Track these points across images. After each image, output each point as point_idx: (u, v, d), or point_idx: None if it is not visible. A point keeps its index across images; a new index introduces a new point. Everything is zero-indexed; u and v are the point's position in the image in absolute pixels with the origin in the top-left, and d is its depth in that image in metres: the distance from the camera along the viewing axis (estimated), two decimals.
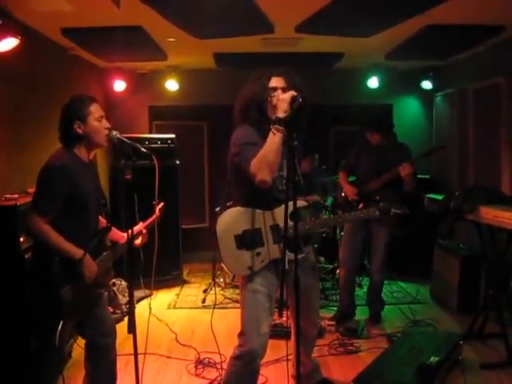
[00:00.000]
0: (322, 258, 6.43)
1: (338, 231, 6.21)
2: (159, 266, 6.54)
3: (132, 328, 2.90)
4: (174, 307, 5.75)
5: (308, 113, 2.98)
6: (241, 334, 2.97)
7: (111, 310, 5.33)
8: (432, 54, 6.07)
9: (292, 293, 2.70)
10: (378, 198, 4.77)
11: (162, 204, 3.43)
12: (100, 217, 3.27)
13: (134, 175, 3.13)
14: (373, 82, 7.14)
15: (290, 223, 2.77)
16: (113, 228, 3.29)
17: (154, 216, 3.38)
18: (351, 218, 3.32)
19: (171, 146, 6.60)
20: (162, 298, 6.03)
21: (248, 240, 2.93)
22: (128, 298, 5.57)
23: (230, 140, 3.00)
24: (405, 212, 3.33)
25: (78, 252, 2.86)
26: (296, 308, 2.69)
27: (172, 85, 7.17)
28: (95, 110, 3.00)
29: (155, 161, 3.14)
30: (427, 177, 6.95)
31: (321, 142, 7.36)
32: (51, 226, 2.81)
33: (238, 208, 2.99)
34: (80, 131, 2.92)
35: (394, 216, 3.31)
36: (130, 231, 2.94)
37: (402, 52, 5.89)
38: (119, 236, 3.32)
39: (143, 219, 3.34)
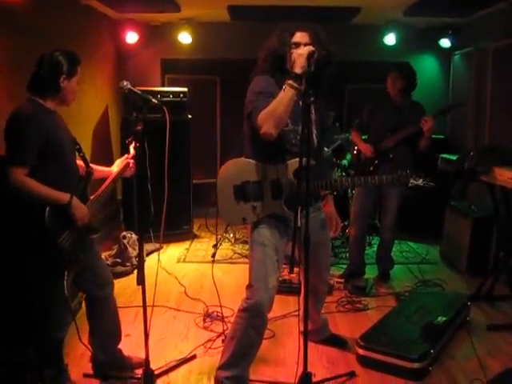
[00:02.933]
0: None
1: (349, 190, 6.17)
2: (170, 220, 6.60)
3: (141, 280, 2.92)
4: (184, 261, 5.78)
5: (331, 70, 2.94)
6: (248, 287, 2.97)
7: (120, 261, 5.39)
8: (452, 10, 5.91)
9: (302, 249, 2.68)
10: (391, 156, 4.74)
11: (135, 143, 3.30)
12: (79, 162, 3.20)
13: (145, 127, 3.15)
14: (390, 39, 6.96)
15: (293, 179, 2.79)
16: (96, 168, 3.26)
17: (131, 155, 3.37)
18: (363, 182, 3.15)
19: (183, 99, 6.52)
20: (172, 252, 6.08)
21: (246, 192, 2.93)
22: (138, 251, 5.60)
23: (248, 87, 2.96)
24: (425, 184, 3.23)
25: (64, 196, 2.84)
26: (305, 264, 2.68)
27: (185, 37, 7.04)
28: (79, 72, 3.00)
29: (167, 113, 3.13)
30: (441, 137, 6.85)
31: (335, 100, 7.23)
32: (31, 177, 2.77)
33: (242, 159, 2.99)
34: (63, 85, 2.89)
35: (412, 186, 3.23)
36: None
37: (422, 7, 5.73)
38: (106, 172, 3.32)
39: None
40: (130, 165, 3.37)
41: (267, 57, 2.98)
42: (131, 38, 6.98)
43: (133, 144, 3.40)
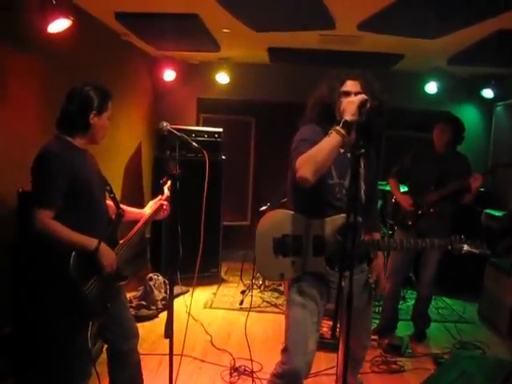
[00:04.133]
0: (366, 266, 6.16)
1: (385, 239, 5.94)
2: (200, 262, 6.48)
3: (170, 333, 2.79)
4: (211, 307, 5.58)
5: (383, 121, 2.81)
6: (284, 351, 2.75)
7: (145, 304, 5.22)
8: (498, 60, 5.73)
9: (344, 312, 2.48)
10: (431, 210, 4.54)
11: (170, 183, 3.24)
12: (109, 203, 3.08)
13: (181, 169, 3.06)
14: (431, 87, 6.80)
15: (338, 237, 2.58)
16: (127, 209, 3.14)
17: (164, 197, 3.26)
18: (413, 245, 2.87)
19: (218, 140, 6.46)
20: (199, 296, 5.87)
21: (286, 246, 2.74)
22: (164, 295, 5.44)
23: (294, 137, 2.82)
24: (482, 253, 2.95)
25: (91, 242, 2.69)
26: (347, 329, 2.47)
27: (222, 77, 7.00)
28: (111, 107, 2.89)
29: (206, 156, 3.06)
30: (482, 190, 6.60)
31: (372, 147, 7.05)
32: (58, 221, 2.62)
33: (284, 211, 2.80)
34: (92, 122, 2.78)
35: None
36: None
37: (467, 57, 5.58)
38: (138, 214, 3.20)
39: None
40: (164, 207, 3.24)
41: (315, 105, 2.85)
42: (169, 75, 6.94)
43: (167, 184, 3.34)
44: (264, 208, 5.42)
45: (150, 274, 5.56)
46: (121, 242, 3.00)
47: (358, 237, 2.55)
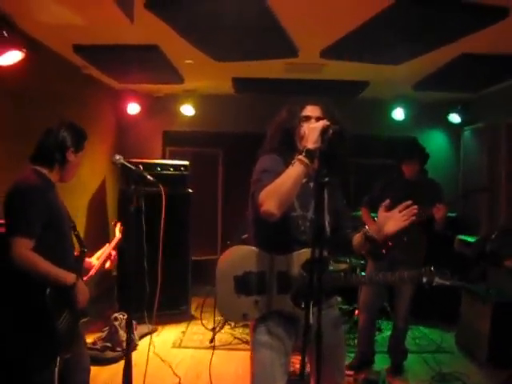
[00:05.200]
0: (340, 298, 6.01)
1: (357, 270, 5.81)
2: (166, 299, 6.20)
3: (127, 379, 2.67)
4: (180, 346, 5.34)
5: (346, 148, 2.67)
6: None
7: (110, 346, 4.97)
8: (464, 85, 5.73)
9: (313, 352, 2.31)
10: (405, 239, 4.43)
11: (119, 225, 3.33)
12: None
13: (142, 203, 3.10)
14: (398, 114, 6.79)
15: (303, 272, 2.44)
16: None
17: (116, 239, 3.28)
18: (382, 279, 2.74)
19: (184, 173, 6.33)
20: (167, 335, 5.64)
21: (248, 284, 2.56)
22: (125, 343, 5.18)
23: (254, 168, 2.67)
24: (454, 284, 2.79)
25: (70, 277, 2.68)
26: (317, 368, 2.30)
27: (188, 109, 6.88)
28: (85, 148, 2.98)
29: (162, 190, 3.05)
30: (453, 215, 6.54)
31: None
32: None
33: (246, 246, 2.62)
34: (69, 159, 2.83)
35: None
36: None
37: (432, 82, 5.56)
38: (87, 263, 3.12)
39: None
40: (112, 257, 3.20)
41: (275, 133, 2.72)
42: (133, 109, 6.82)
43: (118, 226, 3.37)
44: (229, 242, 5.26)
45: (116, 314, 5.30)
46: (84, 278, 2.95)
47: (324, 271, 2.39)
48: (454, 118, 6.88)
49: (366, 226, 2.73)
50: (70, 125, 2.88)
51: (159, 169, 6.24)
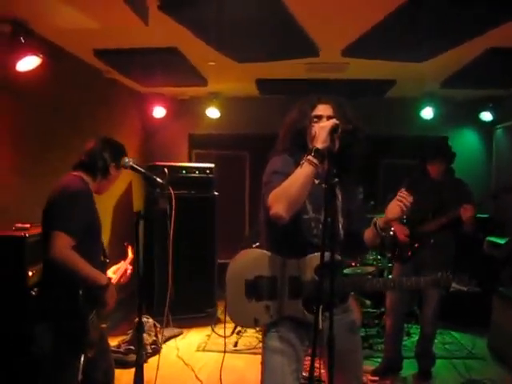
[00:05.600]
0: (368, 302, 5.89)
1: (385, 273, 5.68)
2: (192, 303, 6.22)
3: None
4: (204, 350, 5.29)
5: (361, 148, 2.57)
6: None
7: (134, 349, 4.97)
8: (493, 81, 5.54)
9: (325, 358, 2.23)
10: (432, 241, 4.30)
11: (130, 247, 3.37)
12: None
13: (167, 205, 3.15)
14: (427, 113, 6.60)
15: (315, 277, 2.37)
16: None
17: (129, 259, 3.33)
18: (397, 284, 2.65)
19: (209, 175, 6.33)
20: (193, 338, 5.61)
21: (259, 288, 2.49)
22: (154, 338, 5.19)
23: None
24: (471, 289, 2.67)
25: (104, 278, 2.80)
26: (329, 375, 2.22)
27: (213, 112, 6.84)
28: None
29: (171, 192, 2.99)
30: (485, 216, 6.34)
31: (368, 176, 6.81)
32: None
33: (257, 250, 2.57)
34: (111, 172, 3.01)
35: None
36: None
37: (460, 79, 5.40)
38: None
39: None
40: (127, 272, 3.25)
41: (286, 133, 2.65)
42: (158, 112, 6.81)
43: (130, 248, 3.39)
44: (257, 244, 5.19)
45: None
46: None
47: (337, 275, 2.31)
48: (486, 116, 6.69)
49: (375, 219, 2.64)
50: (112, 141, 3.09)
51: (184, 172, 6.25)
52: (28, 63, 3.61)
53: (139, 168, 2.84)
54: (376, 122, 6.69)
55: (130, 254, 3.34)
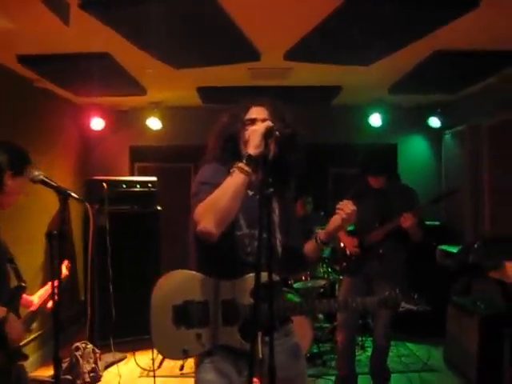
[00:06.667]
0: (321, 316, 5.67)
1: (336, 286, 5.47)
2: (135, 324, 5.85)
3: None
4: (148, 375, 4.94)
5: (300, 155, 2.34)
6: None
7: (70, 379, 4.60)
8: (440, 86, 5.44)
9: None
10: (381, 251, 4.12)
11: (67, 262, 2.97)
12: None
13: (109, 221, 2.69)
14: (375, 120, 6.47)
15: (250, 300, 2.12)
16: None
17: (62, 276, 2.80)
18: (342, 305, 2.40)
19: (152, 189, 6.04)
20: (136, 363, 5.23)
21: (189, 315, 2.20)
22: (93, 365, 4.81)
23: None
24: (421, 308, 2.40)
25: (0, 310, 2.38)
26: None
27: (154, 123, 6.51)
28: (27, 174, 2.60)
29: (89, 208, 2.77)
30: (437, 223, 6.21)
31: (318, 185, 6.60)
32: None
33: (186, 271, 2.29)
34: (7, 183, 2.51)
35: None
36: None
37: (407, 84, 5.26)
38: (27, 301, 2.78)
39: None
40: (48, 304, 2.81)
41: (217, 140, 2.39)
42: (97, 124, 6.46)
43: (65, 263, 3.01)
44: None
45: (77, 343, 4.92)
46: (22, 316, 2.62)
47: (275, 297, 2.05)
48: (434, 121, 6.59)
49: (316, 231, 2.40)
50: (9, 146, 2.60)
51: (125, 186, 5.94)
52: None
53: (51, 182, 2.48)
54: (323, 130, 6.53)
55: (65, 270, 2.96)
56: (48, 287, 2.83)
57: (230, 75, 5.03)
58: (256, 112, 2.32)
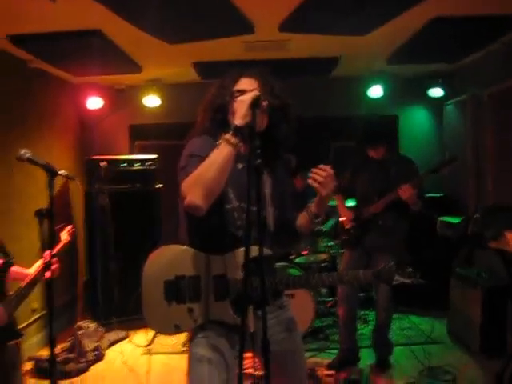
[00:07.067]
0: (324, 290, 5.66)
1: (337, 261, 5.44)
2: (138, 303, 5.87)
3: None
4: (150, 352, 4.95)
5: (290, 127, 2.30)
6: None
7: (73, 357, 4.61)
8: (440, 54, 5.32)
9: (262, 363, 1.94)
10: (380, 223, 4.08)
11: (70, 227, 3.05)
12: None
13: (110, 200, 2.66)
14: (375, 91, 6.36)
15: (242, 274, 2.10)
16: (13, 269, 2.76)
17: (62, 243, 2.97)
18: (335, 279, 2.32)
19: (151, 167, 5.99)
20: (139, 341, 5.24)
21: (180, 290, 2.17)
22: (96, 344, 4.82)
23: None
24: (415, 282, 2.32)
25: None
26: (266, 379, 1.93)
27: (152, 100, 6.42)
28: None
29: (79, 185, 2.50)
30: (439, 195, 6.14)
31: (317, 159, 6.49)
32: None
33: (177, 246, 2.24)
34: None
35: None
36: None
37: (406, 53, 5.14)
38: (22, 274, 2.80)
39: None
40: (53, 266, 2.70)
41: (205, 112, 2.35)
42: (95, 103, 6.39)
43: (67, 229, 3.09)
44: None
45: (80, 322, 4.94)
46: (10, 293, 2.67)
47: (265, 271, 2.02)
48: (435, 92, 6.47)
49: (308, 204, 2.35)
50: None
51: (125, 164, 5.90)
52: None
53: (38, 161, 2.43)
54: (322, 103, 6.45)
55: (65, 236, 3.01)
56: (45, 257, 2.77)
57: (225, 49, 4.93)
58: (245, 83, 2.27)
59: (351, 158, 4.51)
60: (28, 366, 4.37)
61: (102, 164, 5.61)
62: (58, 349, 4.75)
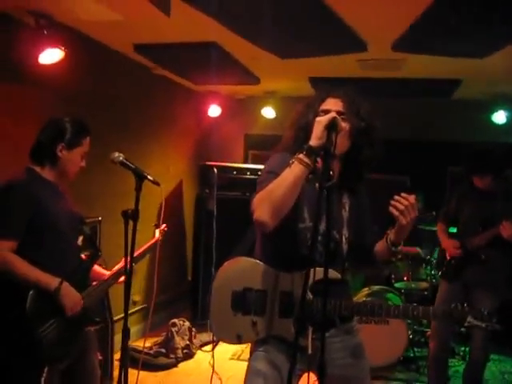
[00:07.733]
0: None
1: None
2: None
3: None
4: (238, 358, 5.04)
5: (374, 152, 2.26)
6: None
7: (164, 352, 4.81)
8: None
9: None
10: (482, 257, 3.84)
11: (163, 226, 3.12)
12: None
13: (217, 206, 2.81)
14: (499, 117, 6.02)
15: (310, 295, 2.08)
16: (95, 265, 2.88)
17: (153, 241, 3.06)
18: (401, 313, 2.19)
19: None
20: (229, 345, 5.31)
21: (247, 301, 2.20)
22: (188, 342, 4.99)
23: None
24: (490, 327, 2.11)
25: (52, 281, 2.46)
26: None
27: (269, 112, 6.58)
28: (86, 144, 2.73)
29: (162, 190, 2.68)
30: None
31: (433, 184, 6.28)
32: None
33: (249, 259, 2.28)
34: (60, 155, 2.62)
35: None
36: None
37: None
38: (99, 274, 2.89)
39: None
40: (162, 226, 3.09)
41: (290, 129, 2.38)
42: (214, 111, 6.63)
43: (161, 227, 3.17)
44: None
45: (174, 320, 5.15)
46: (94, 283, 2.77)
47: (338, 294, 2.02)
48: None
49: (388, 231, 2.27)
50: (69, 119, 2.68)
51: (235, 172, 6.06)
52: (50, 56, 3.52)
53: (130, 164, 2.54)
54: (442, 127, 6.22)
55: (157, 234, 3.10)
56: (122, 263, 2.89)
57: (339, 66, 4.94)
58: (330, 103, 2.27)
59: (458, 185, 4.31)
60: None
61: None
62: (152, 342, 5.00)
